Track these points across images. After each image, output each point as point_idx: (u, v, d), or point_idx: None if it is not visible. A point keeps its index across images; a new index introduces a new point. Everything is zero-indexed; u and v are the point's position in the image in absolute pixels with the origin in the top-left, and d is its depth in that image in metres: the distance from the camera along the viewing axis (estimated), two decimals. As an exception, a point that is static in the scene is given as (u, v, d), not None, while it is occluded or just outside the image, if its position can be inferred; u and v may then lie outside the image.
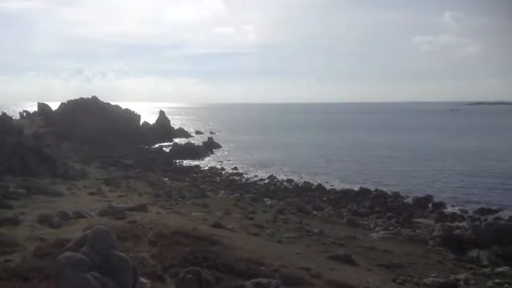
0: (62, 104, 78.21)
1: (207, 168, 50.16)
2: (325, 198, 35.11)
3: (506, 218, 28.71)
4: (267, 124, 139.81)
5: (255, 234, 15.62)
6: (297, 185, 40.81)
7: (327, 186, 39.85)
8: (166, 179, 40.28)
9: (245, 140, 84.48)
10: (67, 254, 7.41)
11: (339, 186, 40.26)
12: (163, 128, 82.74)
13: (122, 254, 7.87)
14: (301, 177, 44.06)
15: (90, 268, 7.33)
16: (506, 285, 13.12)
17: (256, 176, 45.57)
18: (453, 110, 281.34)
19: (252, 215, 20.71)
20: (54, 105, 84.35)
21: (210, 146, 68.11)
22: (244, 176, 45.77)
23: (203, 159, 57.74)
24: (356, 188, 38.53)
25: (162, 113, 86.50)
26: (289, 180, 42.37)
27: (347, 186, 39.73)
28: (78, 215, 16.31)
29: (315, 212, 28.22)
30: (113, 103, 77.16)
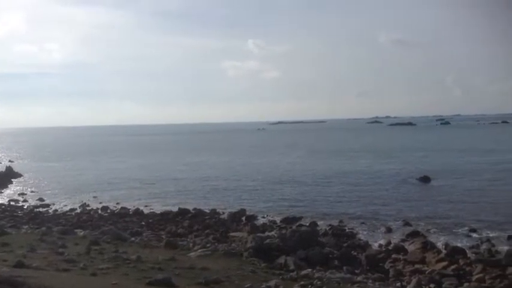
0: None
1: (5, 201, 44.27)
2: (143, 223, 34.36)
3: (307, 224, 32.36)
4: (78, 149, 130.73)
5: (66, 270, 14.27)
6: (113, 211, 39.05)
7: (146, 210, 39.13)
8: (-47, 218, 34.19)
9: (52, 167, 77.44)
10: None
11: (158, 208, 39.86)
12: None
13: None
14: (117, 203, 42.31)
15: None
16: (309, 286, 14.62)
17: (65, 206, 42.13)
18: (259, 129, 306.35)
19: (61, 250, 18.89)
20: None
21: (8, 177, 60.37)
22: (51, 207, 41.85)
23: (1, 192, 50.85)
24: (175, 209, 38.71)
25: None
26: (104, 208, 40.27)
27: (166, 208, 39.63)
28: None
29: (132, 238, 27.25)
30: None
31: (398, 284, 19.34)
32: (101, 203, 42.94)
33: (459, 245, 26.45)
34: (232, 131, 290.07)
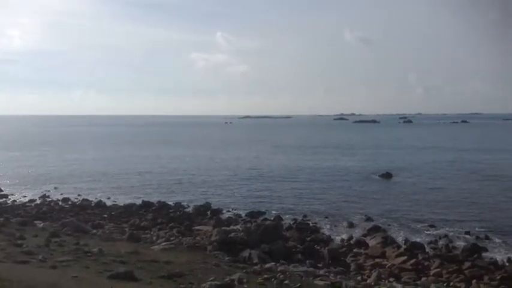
0: None
1: (-40, 191, 42.51)
2: (105, 215, 33.75)
3: (272, 218, 32.59)
4: (39, 138, 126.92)
5: (24, 262, 13.89)
6: (74, 203, 38.15)
7: (108, 202, 38.46)
8: None
9: (12, 156, 74.86)
10: None
11: (121, 201, 39.24)
12: None
13: None
14: (79, 195, 41.39)
15: None
16: (272, 279, 14.76)
17: (25, 196, 40.83)
18: (226, 123, 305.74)
19: (20, 241, 18.35)
20: None
21: (-36, 166, 58.00)
22: (10, 197, 40.49)
23: (-45, 182, 48.80)
24: (139, 201, 38.20)
25: None
26: (65, 199, 39.31)
27: (129, 201, 39.06)
28: None
29: (94, 231, 26.79)
30: None
31: (359, 278, 19.78)
32: (62, 194, 41.90)
33: (418, 240, 27.31)
34: (200, 124, 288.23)
